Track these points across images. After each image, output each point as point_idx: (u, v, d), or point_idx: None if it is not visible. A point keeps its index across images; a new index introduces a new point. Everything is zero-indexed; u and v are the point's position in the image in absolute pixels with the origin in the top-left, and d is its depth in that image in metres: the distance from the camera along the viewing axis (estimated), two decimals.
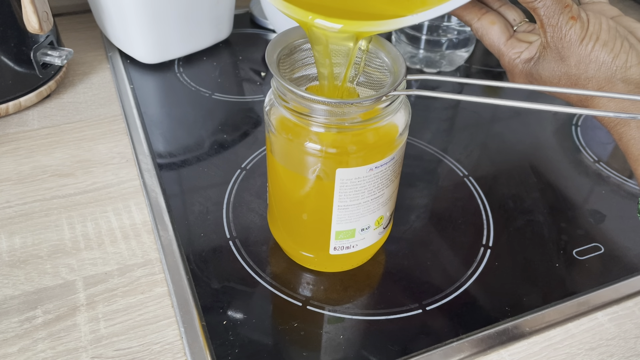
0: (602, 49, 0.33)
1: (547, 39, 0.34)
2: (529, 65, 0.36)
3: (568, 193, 0.50)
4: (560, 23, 0.33)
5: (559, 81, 0.35)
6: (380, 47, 0.36)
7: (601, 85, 0.34)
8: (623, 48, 0.33)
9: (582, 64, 0.34)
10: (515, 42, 0.37)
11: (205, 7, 0.62)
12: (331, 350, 0.37)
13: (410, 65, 0.67)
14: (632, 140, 0.34)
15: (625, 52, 0.33)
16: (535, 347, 0.38)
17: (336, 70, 0.35)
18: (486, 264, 0.43)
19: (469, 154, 0.54)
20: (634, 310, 0.40)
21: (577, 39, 0.33)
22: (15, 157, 0.51)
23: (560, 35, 0.34)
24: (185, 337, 0.37)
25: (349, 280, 0.41)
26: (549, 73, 0.35)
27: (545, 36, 0.34)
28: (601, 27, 0.34)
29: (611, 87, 0.34)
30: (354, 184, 0.35)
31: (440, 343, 0.37)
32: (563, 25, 0.33)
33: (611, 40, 0.33)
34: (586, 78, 0.34)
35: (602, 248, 0.45)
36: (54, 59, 0.56)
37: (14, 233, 0.43)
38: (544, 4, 0.33)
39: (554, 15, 0.33)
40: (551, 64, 0.35)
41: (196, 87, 0.61)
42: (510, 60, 0.37)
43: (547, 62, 0.35)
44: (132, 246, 0.43)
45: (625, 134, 0.34)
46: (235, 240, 0.44)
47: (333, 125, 0.33)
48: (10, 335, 0.37)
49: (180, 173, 0.50)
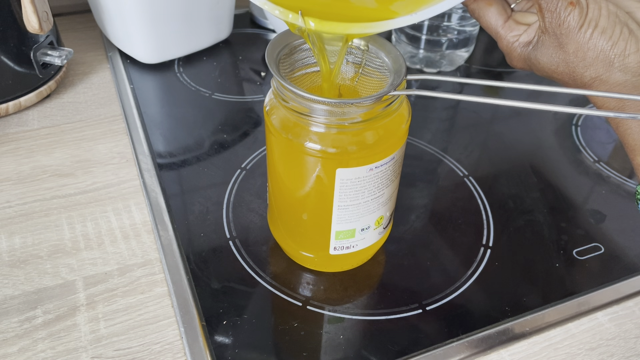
0: (600, 36, 0.32)
1: (545, 24, 0.34)
2: (527, 50, 0.36)
3: (568, 193, 0.50)
4: (559, 8, 0.33)
5: (557, 67, 0.35)
6: (381, 47, 0.36)
7: (599, 72, 0.33)
8: (622, 35, 0.33)
9: (580, 51, 0.33)
10: (514, 24, 0.37)
11: (205, 7, 0.62)
12: (331, 350, 0.37)
13: (410, 65, 0.67)
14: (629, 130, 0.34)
15: (624, 40, 0.33)
16: (535, 347, 0.38)
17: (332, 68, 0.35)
18: (486, 264, 0.43)
19: (469, 154, 0.54)
20: (634, 310, 0.40)
21: (576, 26, 0.33)
22: (15, 157, 0.51)
23: (559, 22, 0.33)
24: (185, 337, 0.37)
25: (349, 280, 0.41)
26: (547, 59, 0.35)
27: (543, 21, 0.34)
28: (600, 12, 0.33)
29: (609, 76, 0.33)
30: (354, 184, 0.35)
31: (440, 343, 0.37)
32: (562, 11, 0.33)
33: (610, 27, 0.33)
34: (584, 65, 0.34)
35: (602, 248, 0.45)
36: (54, 59, 0.56)
37: (14, 233, 0.43)
38: None
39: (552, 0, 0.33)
40: (549, 50, 0.35)
41: (196, 87, 0.61)
42: (509, 43, 0.37)
43: (545, 48, 0.35)
44: (132, 246, 0.43)
45: (622, 123, 0.34)
46: (235, 240, 0.44)
47: (333, 125, 0.33)
48: (10, 335, 0.37)
49: (180, 173, 0.50)
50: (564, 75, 0.35)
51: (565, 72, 0.35)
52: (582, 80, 0.34)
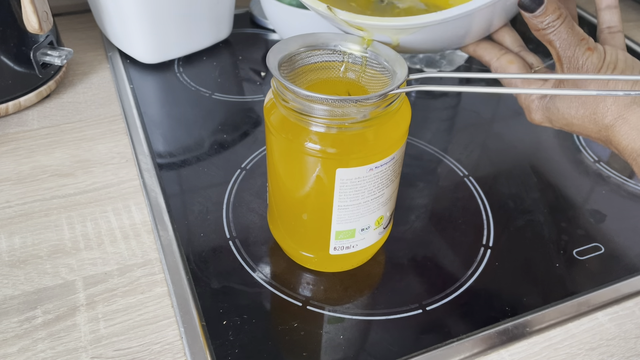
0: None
1: (563, 70, 0.34)
2: (545, 101, 0.37)
3: (568, 193, 0.50)
4: (577, 54, 0.33)
5: (577, 112, 0.35)
6: (381, 48, 0.36)
7: (621, 113, 0.34)
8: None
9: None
10: (532, 80, 0.38)
11: (205, 7, 0.62)
12: (331, 350, 0.37)
13: (410, 65, 0.67)
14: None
15: None
16: (535, 347, 0.38)
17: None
18: (486, 264, 0.43)
19: (469, 154, 0.54)
20: (634, 310, 0.40)
21: (595, 69, 0.34)
22: (15, 157, 0.51)
23: (577, 66, 0.34)
24: (185, 337, 0.37)
25: (349, 280, 0.41)
26: (565, 104, 0.36)
27: (562, 68, 0.34)
28: (618, 57, 0.34)
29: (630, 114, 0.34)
30: (354, 184, 0.35)
31: (440, 343, 0.37)
32: (580, 56, 0.33)
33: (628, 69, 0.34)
34: (604, 107, 0.34)
35: (602, 248, 0.45)
36: (54, 59, 0.56)
37: (14, 233, 0.43)
38: (559, 37, 0.33)
39: (569, 47, 0.33)
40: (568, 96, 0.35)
41: (196, 87, 0.61)
42: (526, 96, 0.38)
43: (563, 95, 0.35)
44: (132, 246, 0.43)
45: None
46: (235, 240, 0.44)
47: (333, 125, 0.33)
48: (10, 335, 0.37)
49: (180, 173, 0.50)
50: (584, 118, 0.35)
51: (586, 115, 0.35)
52: (604, 122, 0.35)
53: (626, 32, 0.76)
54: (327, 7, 0.36)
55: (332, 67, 0.37)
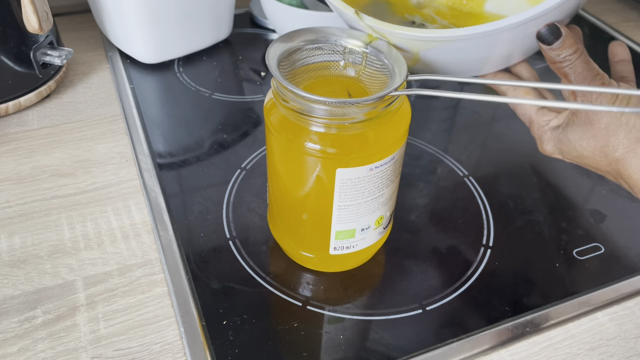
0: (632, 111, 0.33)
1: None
2: (557, 132, 0.37)
3: (568, 193, 0.50)
4: None
5: (588, 144, 0.35)
6: (381, 49, 0.36)
7: (632, 147, 0.34)
8: None
9: (612, 126, 0.34)
10: (546, 111, 0.38)
11: (205, 7, 0.62)
12: (331, 350, 0.37)
13: None
14: None
15: None
16: (535, 347, 0.38)
17: None
18: (486, 264, 0.43)
19: (469, 154, 0.54)
20: (634, 310, 0.40)
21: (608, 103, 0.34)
22: (15, 157, 0.51)
23: (591, 99, 0.34)
24: (185, 337, 0.37)
25: (349, 280, 0.41)
26: (578, 136, 0.36)
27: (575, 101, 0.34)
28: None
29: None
30: (354, 184, 0.35)
31: (440, 343, 0.37)
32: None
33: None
34: (616, 140, 0.34)
35: (602, 248, 0.45)
36: (54, 59, 0.56)
37: (14, 233, 0.43)
38: (574, 70, 0.34)
39: (584, 81, 0.34)
40: (580, 127, 0.35)
41: (196, 87, 0.61)
42: (539, 127, 0.38)
43: (576, 126, 0.36)
44: (132, 246, 0.43)
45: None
46: (235, 240, 0.44)
47: (333, 125, 0.33)
48: (10, 335, 0.37)
49: (180, 173, 0.50)
50: (595, 151, 0.35)
51: (597, 148, 0.35)
52: (615, 155, 0.35)
53: (626, 32, 0.76)
54: (355, 12, 0.37)
55: (332, 66, 0.37)
